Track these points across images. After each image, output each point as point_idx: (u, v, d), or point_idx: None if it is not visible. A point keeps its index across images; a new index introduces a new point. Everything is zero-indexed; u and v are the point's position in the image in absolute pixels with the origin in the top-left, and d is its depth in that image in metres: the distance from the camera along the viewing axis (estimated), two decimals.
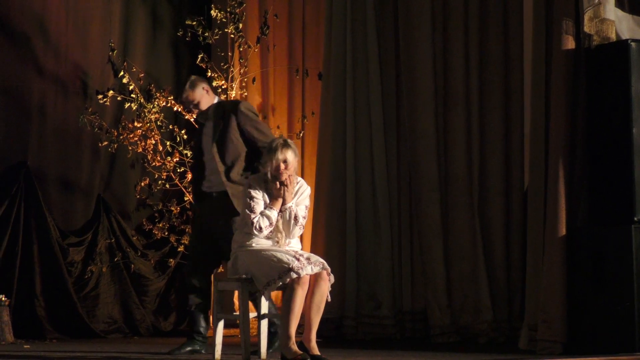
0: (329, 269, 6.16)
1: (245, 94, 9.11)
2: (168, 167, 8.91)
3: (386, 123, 8.38)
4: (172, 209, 9.08)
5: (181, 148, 8.93)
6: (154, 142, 8.84)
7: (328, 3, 8.65)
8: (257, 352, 6.42)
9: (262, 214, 6.21)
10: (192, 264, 7.00)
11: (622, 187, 6.54)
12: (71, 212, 8.93)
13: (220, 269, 8.85)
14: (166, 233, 9.06)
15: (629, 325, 6.32)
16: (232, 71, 8.90)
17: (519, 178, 8.02)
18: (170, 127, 8.98)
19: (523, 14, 8.00)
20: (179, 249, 9.06)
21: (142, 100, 8.83)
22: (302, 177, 9.20)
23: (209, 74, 8.78)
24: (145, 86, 9.06)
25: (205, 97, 6.94)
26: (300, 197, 6.33)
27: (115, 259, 8.94)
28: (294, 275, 5.97)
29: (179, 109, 8.78)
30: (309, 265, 6.05)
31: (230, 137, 6.86)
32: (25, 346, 7.72)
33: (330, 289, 6.16)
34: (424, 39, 8.19)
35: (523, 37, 8.00)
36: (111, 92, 8.87)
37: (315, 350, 6.05)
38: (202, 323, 6.90)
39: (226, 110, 6.93)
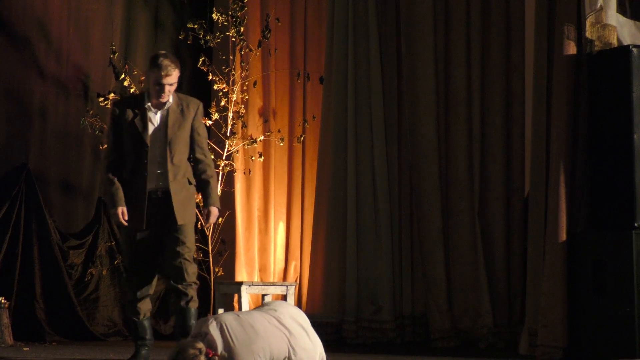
0: None
1: (247, 97, 9.11)
2: None
3: (387, 127, 8.39)
4: None
5: None
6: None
7: (330, 7, 8.66)
8: None
9: None
10: (136, 274, 6.32)
11: (623, 192, 6.54)
12: (72, 214, 8.92)
13: (220, 272, 8.85)
14: None
15: (629, 331, 6.32)
16: (234, 75, 8.90)
17: (519, 183, 8.04)
18: None
19: (525, 19, 8.02)
20: None
21: None
22: (303, 181, 9.23)
23: (210, 77, 8.78)
24: (147, 89, 9.04)
25: None
26: None
27: (115, 262, 8.92)
28: None
29: None
30: None
31: (185, 135, 6.29)
32: (24, 349, 7.70)
33: None
34: (425, 43, 8.20)
35: (525, 42, 8.01)
36: (112, 94, 8.86)
37: None
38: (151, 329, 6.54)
39: (189, 105, 6.34)
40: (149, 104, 6.28)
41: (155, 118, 6.27)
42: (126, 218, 6.20)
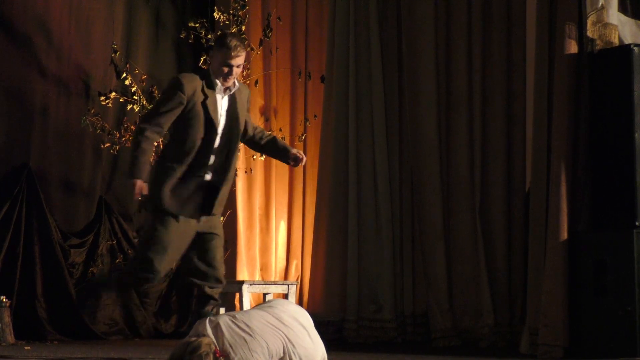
0: None
1: None
2: None
3: (388, 126, 8.39)
4: None
5: None
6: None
7: (331, 6, 8.65)
8: None
9: None
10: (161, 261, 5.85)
11: (624, 191, 6.54)
12: (73, 213, 8.92)
13: None
14: None
15: (630, 330, 6.31)
16: None
17: (520, 182, 8.03)
18: None
19: (526, 18, 8.01)
20: None
21: (144, 102, 8.82)
22: (304, 180, 9.24)
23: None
24: (148, 88, 9.05)
25: None
26: None
27: (117, 261, 8.93)
28: None
29: None
30: None
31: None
32: (26, 347, 7.70)
33: None
34: (427, 42, 8.20)
35: (526, 41, 8.01)
36: (113, 93, 8.87)
37: None
38: None
39: (241, 90, 5.97)
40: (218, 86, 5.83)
41: (221, 102, 5.87)
42: (144, 193, 5.74)
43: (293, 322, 5.49)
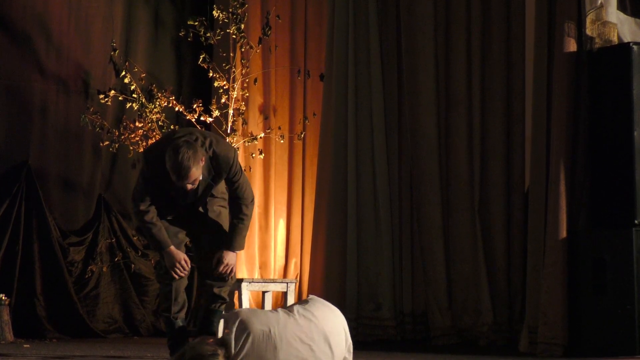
0: None
1: (247, 94, 9.11)
2: None
3: (388, 124, 8.38)
4: None
5: None
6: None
7: (330, 4, 8.65)
8: None
9: None
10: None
11: (623, 190, 6.54)
12: (72, 211, 8.93)
13: None
14: None
15: (629, 328, 6.32)
16: (234, 72, 8.89)
17: (520, 180, 8.03)
18: (172, 127, 8.98)
19: (525, 16, 8.01)
20: None
21: (143, 100, 8.82)
22: (303, 178, 9.23)
23: (211, 74, 8.78)
24: (147, 86, 9.06)
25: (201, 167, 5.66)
26: None
27: (116, 259, 8.93)
28: None
29: (180, 109, 8.77)
30: None
31: (217, 184, 5.90)
32: (25, 346, 7.70)
33: None
34: (426, 41, 8.19)
35: (525, 39, 8.01)
36: (113, 91, 8.87)
37: None
38: None
39: (220, 169, 5.77)
40: None
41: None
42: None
43: (322, 345, 5.29)
